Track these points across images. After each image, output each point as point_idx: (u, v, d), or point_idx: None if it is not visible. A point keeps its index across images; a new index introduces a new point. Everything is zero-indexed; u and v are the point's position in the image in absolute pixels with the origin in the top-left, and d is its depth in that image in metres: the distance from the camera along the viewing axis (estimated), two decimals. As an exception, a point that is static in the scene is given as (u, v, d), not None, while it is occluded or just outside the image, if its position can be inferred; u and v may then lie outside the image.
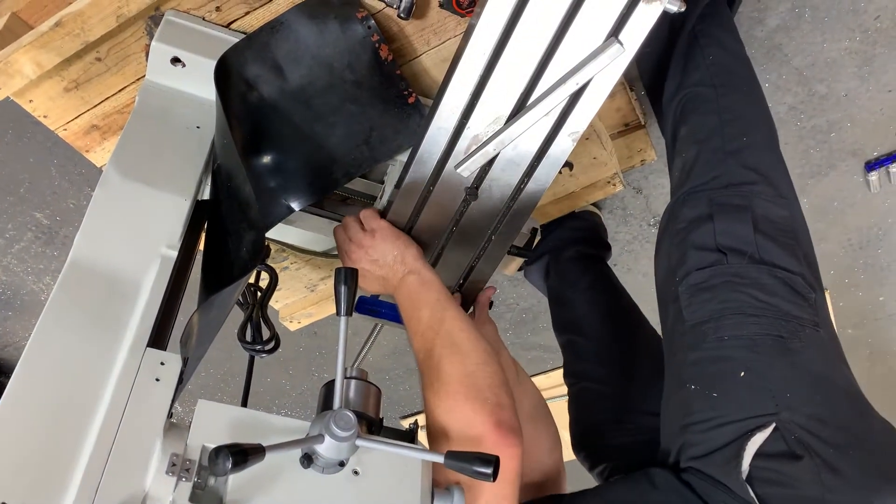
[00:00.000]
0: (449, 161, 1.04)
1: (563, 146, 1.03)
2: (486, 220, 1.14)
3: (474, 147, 1.01)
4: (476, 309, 1.31)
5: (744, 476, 0.92)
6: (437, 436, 0.90)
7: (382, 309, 1.30)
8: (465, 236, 1.17)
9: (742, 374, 0.98)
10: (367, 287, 1.13)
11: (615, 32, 0.90)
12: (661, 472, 1.01)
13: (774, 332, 0.99)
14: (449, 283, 1.24)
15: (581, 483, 1.16)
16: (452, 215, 1.13)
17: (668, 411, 1.08)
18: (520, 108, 0.98)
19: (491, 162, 1.05)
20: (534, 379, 2.64)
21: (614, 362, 1.44)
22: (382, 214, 1.14)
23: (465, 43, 0.93)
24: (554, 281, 1.68)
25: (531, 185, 1.08)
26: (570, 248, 1.69)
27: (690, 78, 1.24)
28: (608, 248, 1.80)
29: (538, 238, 1.28)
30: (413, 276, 1.07)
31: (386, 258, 1.09)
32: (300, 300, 1.65)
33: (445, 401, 0.90)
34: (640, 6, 0.88)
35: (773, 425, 0.93)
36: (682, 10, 0.88)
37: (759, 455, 0.92)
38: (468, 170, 1.02)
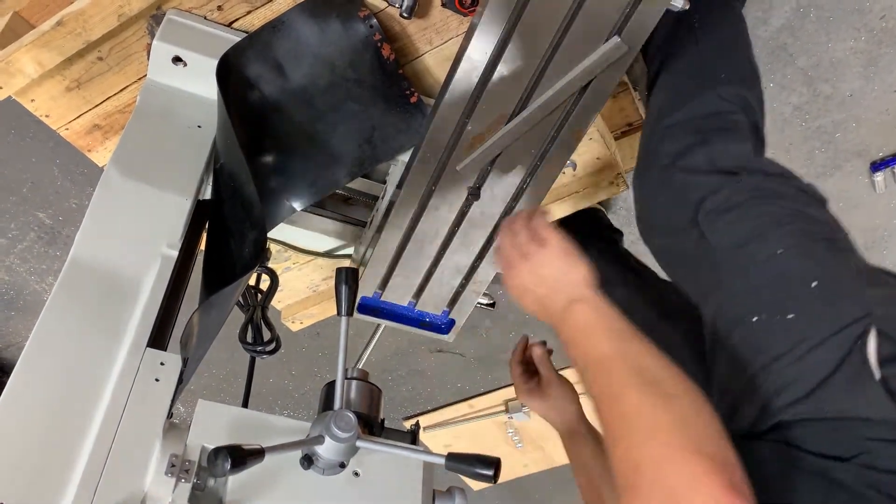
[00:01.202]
0: (451, 161, 1.04)
1: (566, 146, 1.02)
2: (489, 220, 1.13)
3: (477, 147, 1.01)
4: (541, 368, 1.20)
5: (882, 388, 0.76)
6: (636, 491, 0.67)
7: (385, 309, 1.30)
8: (467, 237, 1.16)
9: (813, 284, 0.85)
10: (523, 305, 0.94)
11: (618, 31, 0.90)
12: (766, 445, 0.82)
13: (821, 236, 0.90)
14: (451, 283, 1.24)
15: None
16: (455, 215, 1.13)
17: (729, 364, 0.90)
18: (522, 107, 0.97)
19: (493, 162, 1.04)
20: (537, 380, 2.63)
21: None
22: (385, 214, 1.13)
23: (467, 42, 0.92)
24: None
25: (534, 185, 1.07)
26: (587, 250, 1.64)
27: (676, 34, 1.21)
28: (618, 231, 1.76)
29: None
30: (583, 306, 0.85)
31: (553, 278, 0.90)
32: (302, 300, 1.64)
33: (655, 453, 0.67)
34: (643, 5, 0.87)
35: (874, 328, 0.79)
36: (686, 7, 0.88)
37: (884, 362, 0.78)
38: (470, 169, 1.01)
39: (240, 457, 0.71)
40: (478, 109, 0.97)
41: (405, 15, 1.07)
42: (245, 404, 1.14)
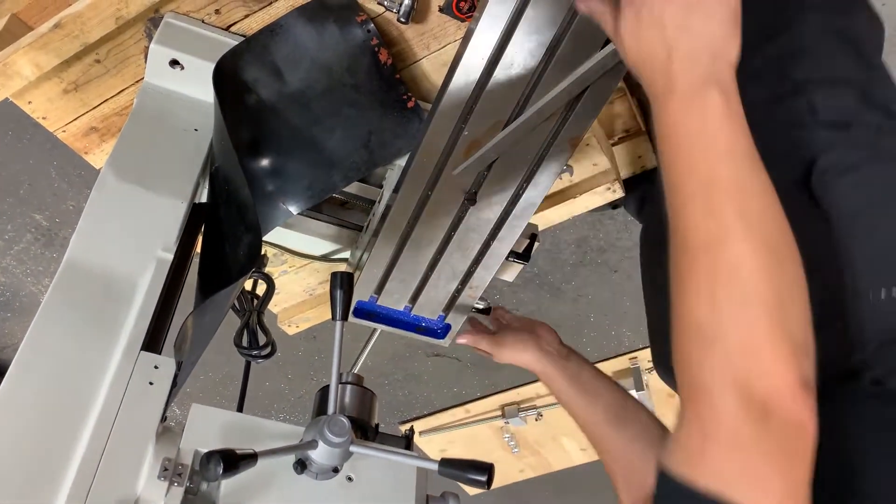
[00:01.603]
0: (447, 166, 1.04)
1: (563, 151, 1.03)
2: (485, 225, 1.13)
3: (473, 152, 1.01)
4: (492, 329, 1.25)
5: None
6: (691, 376, 0.58)
7: (381, 313, 1.30)
8: (463, 242, 1.16)
9: None
10: (639, 45, 0.65)
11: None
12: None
13: None
14: (447, 288, 1.24)
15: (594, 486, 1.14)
16: (451, 220, 1.13)
17: (839, 333, 0.79)
18: (519, 113, 0.97)
19: (490, 167, 1.04)
20: (533, 385, 2.66)
21: None
22: (382, 218, 1.13)
23: (464, 47, 0.92)
24: (654, 200, 1.43)
25: (530, 191, 1.08)
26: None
27: None
28: None
29: (537, 244, 1.28)
30: (720, 97, 0.61)
31: (704, 34, 0.62)
32: (298, 304, 1.64)
33: (739, 331, 0.56)
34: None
35: None
36: None
37: None
38: (467, 174, 1.01)
39: (232, 461, 0.71)
40: (474, 115, 0.97)
41: (403, 20, 1.07)
42: (240, 408, 1.14)
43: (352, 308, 1.24)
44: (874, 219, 0.79)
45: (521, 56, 0.92)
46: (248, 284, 1.30)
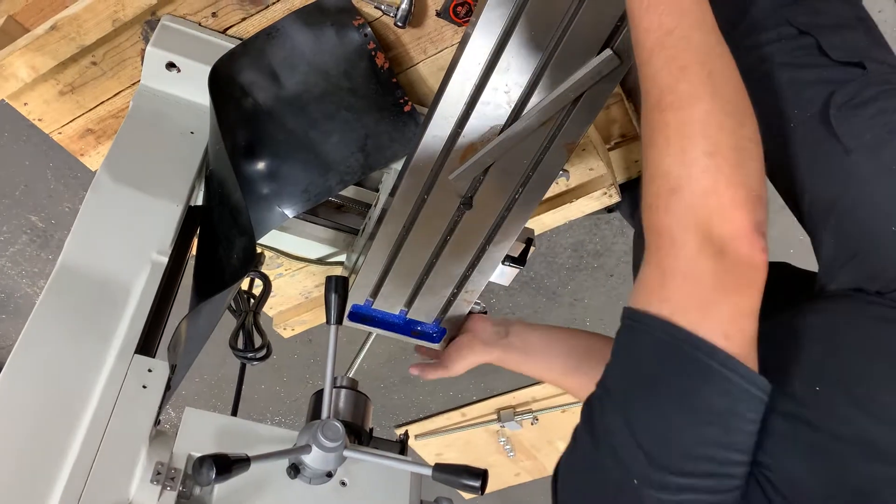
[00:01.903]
0: (444, 170, 1.04)
1: (559, 157, 1.03)
2: (481, 229, 1.13)
3: (469, 156, 1.01)
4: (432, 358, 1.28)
5: None
6: (656, 221, 0.64)
7: (376, 317, 1.29)
8: (459, 246, 1.16)
9: None
10: None
11: (610, 43, 0.90)
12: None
13: None
14: (443, 292, 1.23)
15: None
16: (447, 224, 1.13)
17: (859, 264, 0.82)
18: (515, 118, 0.97)
19: (486, 172, 1.04)
20: (529, 389, 2.66)
21: None
22: (378, 222, 1.13)
23: (461, 52, 0.92)
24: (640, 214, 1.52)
25: (526, 195, 1.08)
26: None
27: None
28: None
29: (533, 248, 1.27)
30: None
31: None
32: (294, 307, 1.64)
33: (702, 180, 0.62)
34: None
35: None
36: None
37: None
38: (463, 179, 1.01)
39: (225, 465, 0.70)
40: (471, 120, 0.97)
41: (400, 24, 1.07)
42: (234, 412, 1.14)
43: (347, 311, 1.24)
44: (895, 150, 0.80)
45: (517, 61, 0.92)
46: (244, 284, 1.30)
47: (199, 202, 1.12)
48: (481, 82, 0.94)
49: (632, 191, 1.66)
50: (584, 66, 0.92)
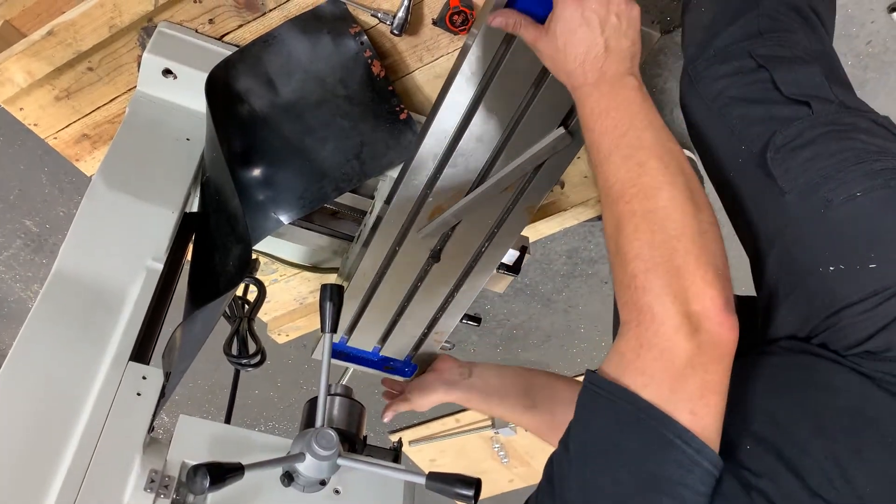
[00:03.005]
0: (413, 226, 1.10)
1: (521, 218, 1.11)
2: (449, 279, 1.20)
3: (437, 216, 1.07)
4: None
5: None
6: (634, 299, 0.68)
7: (351, 354, 1.33)
8: (428, 293, 1.23)
9: None
10: (570, 39, 0.78)
11: (566, 123, 0.98)
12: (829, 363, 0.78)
13: None
14: (414, 332, 1.29)
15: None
16: (417, 274, 1.19)
17: (792, 305, 0.84)
18: (480, 182, 1.04)
19: (453, 229, 1.11)
20: (523, 396, 2.64)
21: None
22: (373, 229, 1.14)
23: (429, 124, 0.98)
24: None
25: (490, 251, 1.15)
26: None
27: None
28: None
29: (528, 255, 1.28)
30: (637, 83, 0.77)
31: (624, 34, 0.78)
32: (289, 313, 1.64)
33: (674, 260, 0.66)
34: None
35: None
36: None
37: None
38: (431, 235, 1.06)
39: (219, 474, 0.70)
40: (439, 182, 1.03)
41: (396, 32, 1.08)
42: (228, 419, 1.14)
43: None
44: (828, 193, 0.81)
45: (482, 132, 0.98)
46: (239, 290, 1.30)
47: (195, 209, 1.12)
48: (448, 150, 1.00)
49: None
50: (539, 142, 0.98)
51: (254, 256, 1.32)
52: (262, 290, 1.28)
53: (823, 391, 0.75)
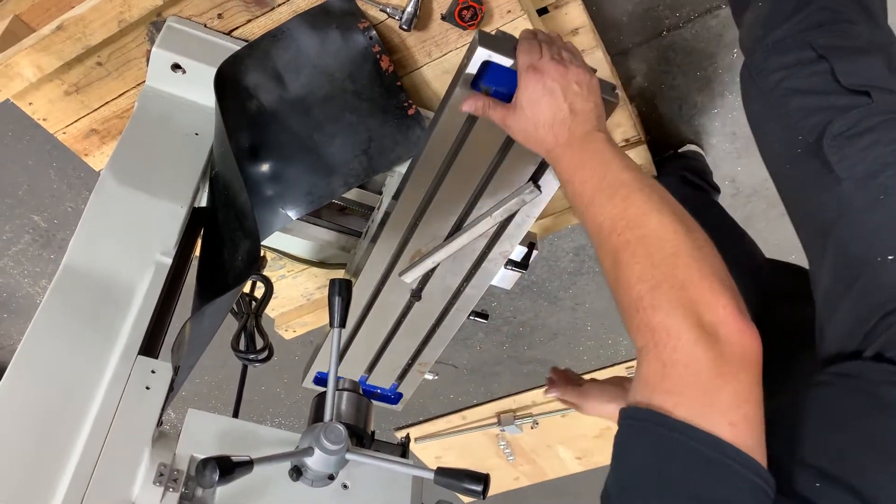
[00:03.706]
0: (395, 268, 1.15)
1: (497, 262, 1.17)
2: (430, 315, 1.25)
3: (417, 259, 1.12)
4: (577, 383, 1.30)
5: None
6: (645, 320, 0.67)
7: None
8: (411, 329, 1.27)
9: None
10: (535, 112, 0.84)
11: (536, 177, 1.02)
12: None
13: None
14: (399, 363, 1.33)
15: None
16: (399, 311, 1.23)
17: (843, 304, 0.83)
18: (456, 230, 1.09)
19: (432, 271, 1.16)
20: (530, 393, 2.66)
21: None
22: (381, 225, 1.14)
23: (405, 183, 1.05)
24: None
25: (469, 290, 1.21)
26: (673, 174, 1.65)
27: None
28: (716, 187, 1.75)
29: (535, 253, 1.28)
30: (604, 136, 0.81)
31: (584, 97, 0.83)
32: (296, 309, 1.64)
33: (677, 275, 0.66)
34: None
35: None
36: None
37: None
38: (412, 277, 1.10)
39: (228, 468, 0.70)
40: (418, 229, 1.09)
41: (405, 27, 1.07)
42: (236, 413, 1.14)
43: (313, 378, 1.36)
44: (887, 182, 0.80)
45: (457, 185, 1.04)
46: (246, 287, 1.30)
47: (204, 204, 1.12)
48: (425, 203, 1.05)
49: None
50: (509, 195, 1.04)
51: (262, 253, 1.32)
52: (269, 286, 1.28)
53: (888, 414, 0.72)
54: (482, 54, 0.87)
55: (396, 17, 1.07)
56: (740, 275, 1.13)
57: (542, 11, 1.32)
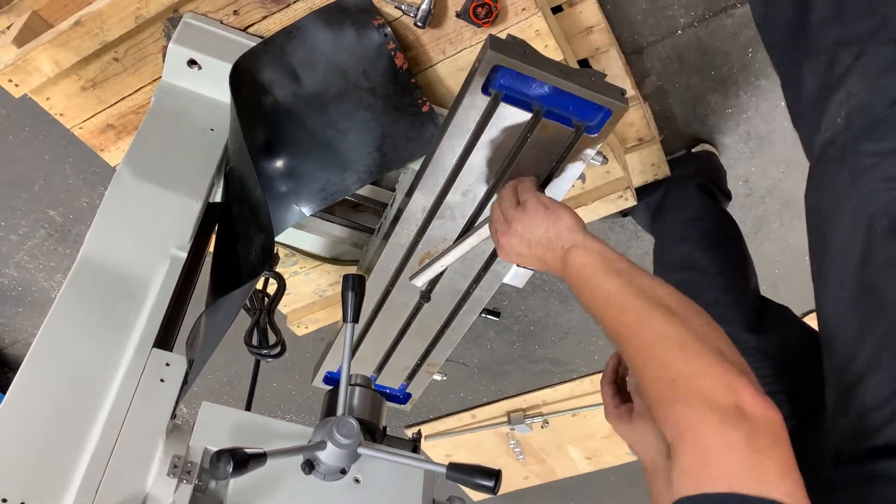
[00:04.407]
0: (405, 270, 1.16)
1: (505, 265, 1.16)
2: (439, 317, 1.26)
3: (426, 261, 1.13)
4: (633, 397, 1.20)
5: None
6: (671, 413, 0.69)
7: None
8: (420, 330, 1.28)
9: None
10: (525, 266, 0.99)
11: (544, 184, 1.02)
12: None
13: None
14: (407, 364, 1.35)
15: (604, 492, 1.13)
16: (409, 313, 1.24)
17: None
18: (468, 228, 1.09)
19: (441, 274, 1.16)
20: (540, 392, 2.65)
21: (740, 301, 1.32)
22: (393, 221, 1.14)
23: (405, 204, 1.06)
24: (666, 215, 1.60)
25: (478, 291, 1.21)
26: (689, 182, 1.64)
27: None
28: (728, 194, 1.75)
29: None
30: (577, 251, 0.88)
31: (538, 236, 0.92)
32: (308, 305, 1.65)
33: (690, 363, 0.69)
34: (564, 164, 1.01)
35: None
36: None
37: None
38: (421, 281, 1.11)
39: (242, 460, 0.71)
40: (428, 231, 1.10)
41: (419, 24, 1.08)
42: (248, 407, 1.15)
43: (322, 376, 1.38)
44: None
45: (468, 185, 1.04)
46: (259, 283, 1.31)
47: (218, 199, 1.13)
48: (441, 195, 1.05)
49: (647, 197, 1.66)
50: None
51: (275, 248, 1.33)
52: (281, 283, 1.29)
53: None
54: (493, 59, 0.88)
55: (411, 15, 1.08)
56: (737, 310, 1.12)
57: (557, 10, 1.32)
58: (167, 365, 0.87)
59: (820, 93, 1.04)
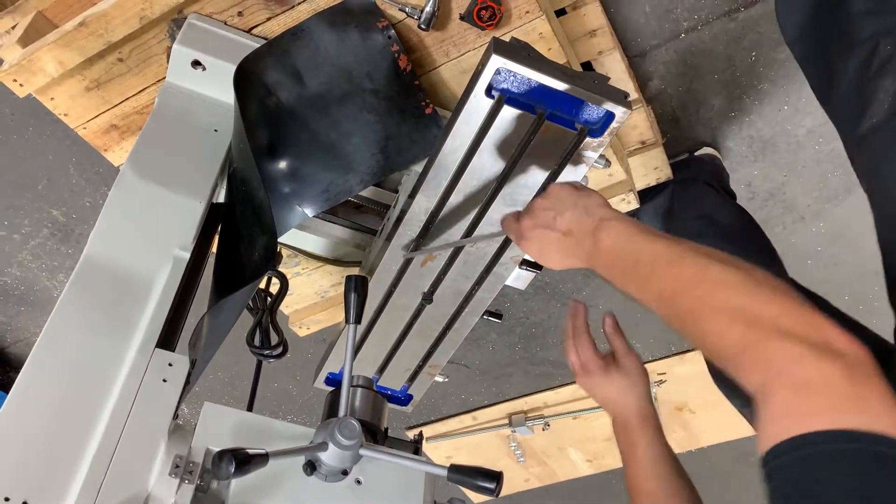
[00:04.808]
0: (407, 272, 1.16)
1: (508, 266, 1.17)
2: (441, 318, 1.27)
3: (428, 263, 1.14)
4: (613, 342, 1.17)
5: None
6: (756, 357, 0.64)
7: None
8: (422, 331, 1.28)
9: None
10: (552, 261, 0.91)
11: (544, 189, 1.01)
12: None
13: None
14: (409, 365, 1.36)
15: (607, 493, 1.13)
16: (410, 315, 1.25)
17: None
18: (470, 233, 1.11)
19: (445, 273, 1.17)
20: (541, 395, 2.65)
21: None
22: (396, 223, 1.14)
23: (408, 206, 1.07)
24: (678, 214, 1.59)
25: (481, 293, 1.22)
26: (697, 179, 1.64)
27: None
28: (732, 194, 1.74)
29: None
30: (614, 221, 0.84)
31: (567, 207, 0.88)
32: (310, 306, 1.65)
33: (769, 305, 0.65)
34: (568, 168, 1.01)
35: None
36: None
37: None
38: (424, 277, 1.14)
39: (244, 460, 0.71)
40: (432, 230, 1.11)
41: (423, 27, 1.08)
42: (250, 407, 1.15)
43: (324, 377, 1.39)
44: None
45: (470, 189, 1.05)
46: (261, 283, 1.31)
47: (222, 199, 1.13)
48: (444, 197, 1.05)
49: (652, 200, 1.66)
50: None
51: (277, 249, 1.33)
52: (284, 282, 1.29)
53: None
54: (496, 62, 0.88)
55: (415, 17, 1.08)
56: None
57: (560, 13, 1.32)
58: (170, 365, 0.87)
59: (860, 82, 1.05)
